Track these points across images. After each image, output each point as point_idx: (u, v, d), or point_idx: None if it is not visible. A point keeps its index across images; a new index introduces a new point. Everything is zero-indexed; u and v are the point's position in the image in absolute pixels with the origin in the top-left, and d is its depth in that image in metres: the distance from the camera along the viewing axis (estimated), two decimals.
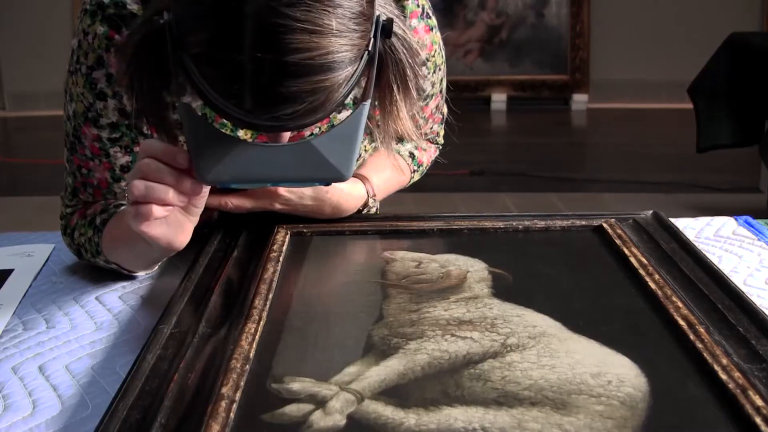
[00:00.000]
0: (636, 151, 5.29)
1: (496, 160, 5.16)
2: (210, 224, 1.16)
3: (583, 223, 1.20)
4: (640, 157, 5.13)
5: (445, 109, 1.40)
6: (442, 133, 1.45)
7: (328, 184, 0.99)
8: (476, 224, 1.20)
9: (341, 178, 0.92)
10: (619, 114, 6.35)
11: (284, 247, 1.11)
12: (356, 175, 1.25)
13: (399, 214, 1.23)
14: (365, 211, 1.27)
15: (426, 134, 1.40)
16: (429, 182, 1.86)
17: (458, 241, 1.16)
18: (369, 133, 1.08)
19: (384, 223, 1.21)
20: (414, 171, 1.39)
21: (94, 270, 1.16)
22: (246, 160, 0.89)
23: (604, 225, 1.17)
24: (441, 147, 1.47)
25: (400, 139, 1.31)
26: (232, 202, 1.13)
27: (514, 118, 6.49)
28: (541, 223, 1.19)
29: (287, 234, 1.15)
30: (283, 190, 1.13)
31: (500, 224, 1.19)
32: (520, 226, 1.19)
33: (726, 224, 1.29)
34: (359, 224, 1.21)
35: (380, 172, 1.30)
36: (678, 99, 4.86)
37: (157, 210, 0.93)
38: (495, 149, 5.64)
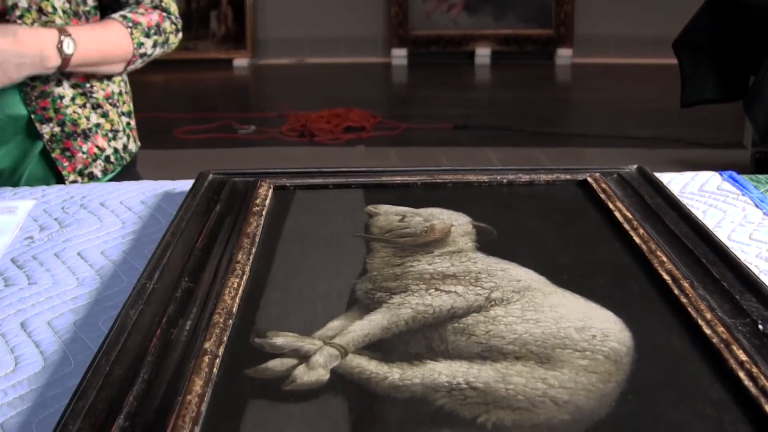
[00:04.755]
0: (620, 106, 5.30)
1: (480, 114, 5.16)
2: None
3: (568, 177, 1.19)
4: (624, 112, 5.14)
5: None
6: (171, 5, 1.58)
7: None
8: (460, 178, 1.19)
9: None
10: (603, 69, 6.35)
11: (267, 201, 1.10)
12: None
13: (382, 168, 1.23)
14: (65, 48, 1.37)
15: None
16: (412, 136, 1.86)
17: (442, 195, 1.15)
18: None
19: (367, 177, 1.20)
20: (130, 27, 1.48)
21: (76, 225, 1.15)
22: None
23: (589, 179, 1.16)
24: (172, 16, 1.58)
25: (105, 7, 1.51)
26: None
27: (498, 72, 6.48)
28: (525, 177, 1.19)
29: (270, 188, 1.14)
30: None
31: (484, 178, 1.19)
32: (505, 180, 1.19)
33: (710, 179, 1.29)
34: (343, 178, 1.20)
35: (78, 28, 1.42)
36: (662, 54, 4.85)
37: None
38: (478, 104, 5.63)
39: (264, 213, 1.06)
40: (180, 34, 1.61)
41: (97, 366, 0.73)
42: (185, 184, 1.27)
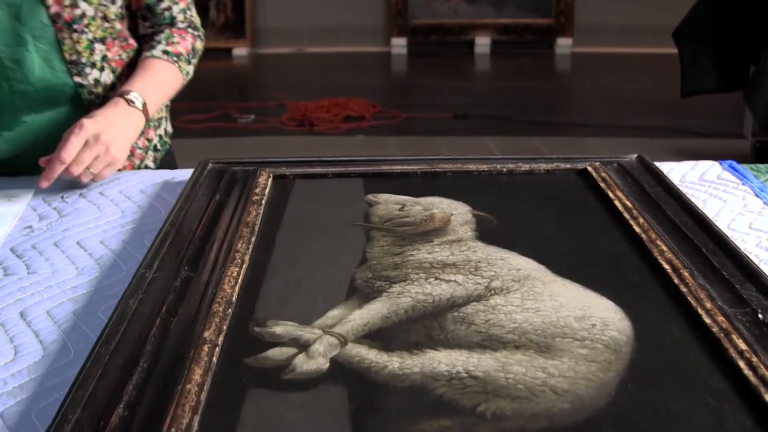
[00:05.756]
0: (620, 96, 5.29)
1: (480, 103, 5.14)
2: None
3: (568, 166, 1.19)
4: (624, 101, 5.13)
5: None
6: (196, 18, 1.57)
7: None
8: (460, 167, 1.19)
9: None
10: (603, 58, 6.33)
11: (267, 191, 1.10)
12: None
13: (382, 157, 1.23)
14: (136, 104, 1.36)
15: (169, 17, 1.52)
16: (412, 125, 1.86)
17: (442, 184, 1.15)
18: None
19: (367, 166, 1.20)
20: (176, 62, 1.48)
21: (76, 215, 1.15)
22: None
23: (589, 168, 1.16)
24: (199, 32, 1.58)
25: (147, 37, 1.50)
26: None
27: (497, 62, 6.46)
28: (525, 166, 1.19)
29: (270, 177, 1.14)
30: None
31: (484, 167, 1.19)
32: (505, 169, 1.18)
33: (710, 168, 1.29)
34: (342, 168, 1.20)
35: (136, 79, 1.40)
36: (663, 43, 4.84)
37: None
38: (478, 93, 5.62)
39: (263, 202, 1.06)
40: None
41: (96, 355, 0.73)
42: (185, 174, 1.27)
